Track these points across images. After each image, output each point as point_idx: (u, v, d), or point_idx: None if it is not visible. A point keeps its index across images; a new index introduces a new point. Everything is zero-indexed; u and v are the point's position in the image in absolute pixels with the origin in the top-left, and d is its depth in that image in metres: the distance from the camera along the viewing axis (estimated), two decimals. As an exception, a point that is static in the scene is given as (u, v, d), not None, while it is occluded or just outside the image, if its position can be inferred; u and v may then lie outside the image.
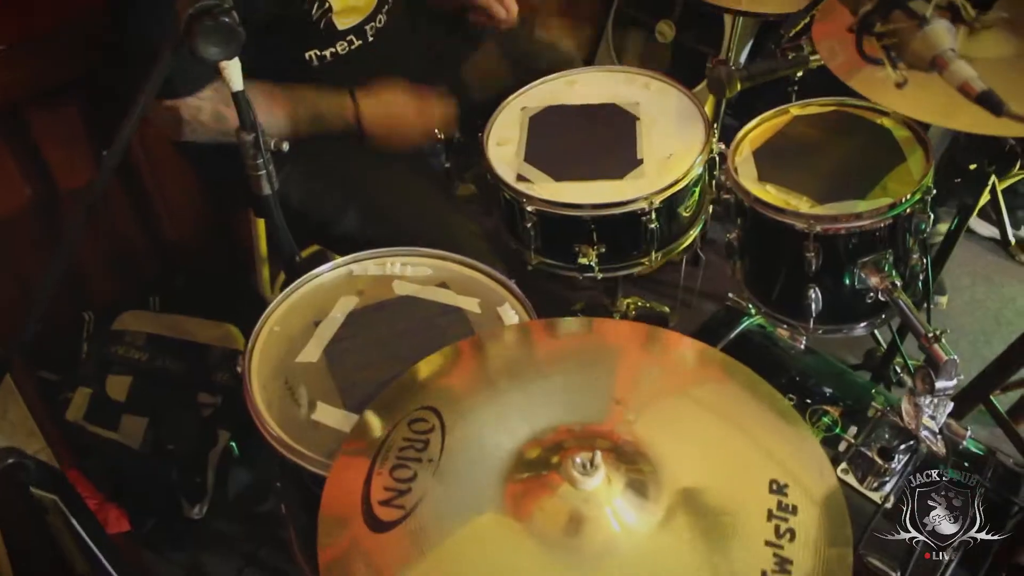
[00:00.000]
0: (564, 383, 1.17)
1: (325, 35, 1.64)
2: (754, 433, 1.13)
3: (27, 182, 1.94)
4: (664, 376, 1.21)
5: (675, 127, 1.76)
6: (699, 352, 1.24)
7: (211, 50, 1.17)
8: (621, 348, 1.24)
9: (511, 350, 1.25)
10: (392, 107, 1.65)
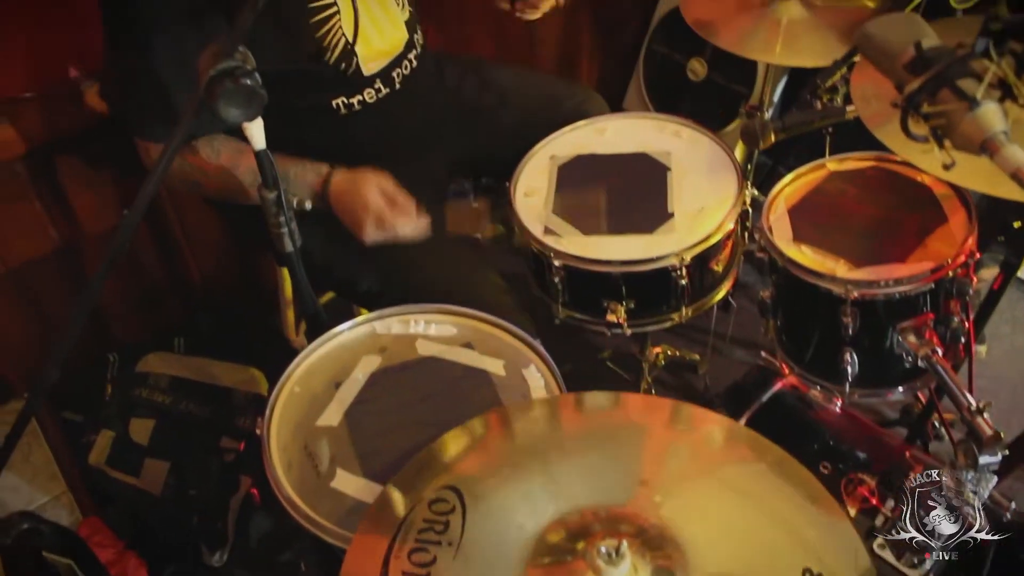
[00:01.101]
0: (589, 461, 1.13)
1: (352, 81, 1.62)
2: (785, 517, 1.08)
3: (52, 225, 1.94)
4: (691, 455, 1.16)
5: (707, 178, 1.72)
6: (727, 429, 1.20)
7: (232, 112, 1.15)
8: (647, 424, 1.20)
9: (535, 425, 1.21)
10: (359, 197, 1.55)
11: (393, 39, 1.67)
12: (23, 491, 1.91)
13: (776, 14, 1.96)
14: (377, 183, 1.54)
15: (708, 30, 1.99)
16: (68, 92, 1.81)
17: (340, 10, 1.56)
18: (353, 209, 1.54)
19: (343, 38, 1.58)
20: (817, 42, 1.90)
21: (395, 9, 1.67)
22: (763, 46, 1.93)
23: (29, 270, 1.95)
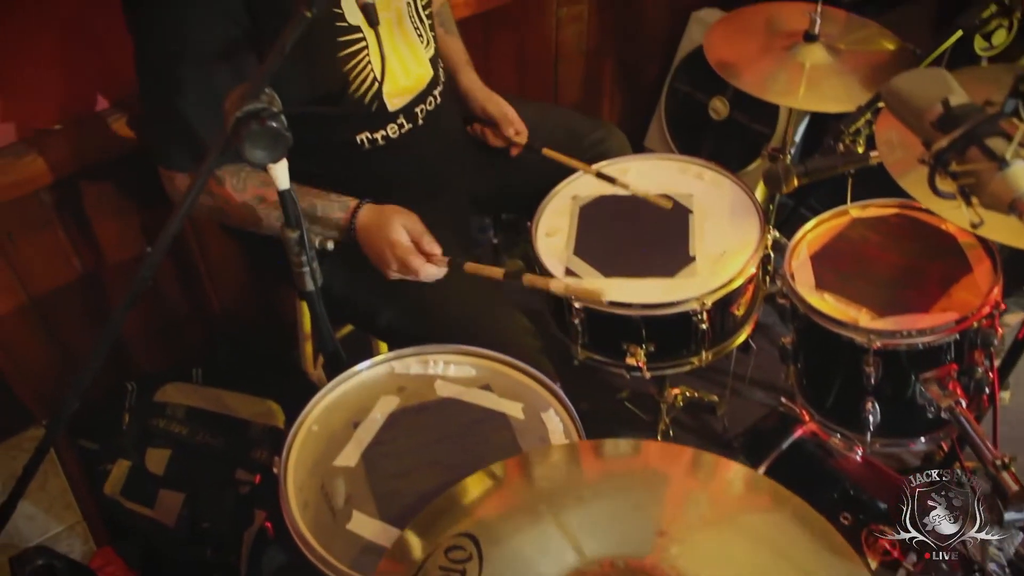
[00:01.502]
0: (607, 510, 1.12)
1: (376, 117, 1.63)
2: (805, 569, 1.06)
3: (76, 253, 1.95)
4: (710, 504, 1.15)
5: (729, 222, 1.71)
6: (747, 478, 1.18)
7: (257, 154, 1.16)
8: (666, 471, 1.19)
9: (554, 471, 1.20)
10: (384, 235, 1.55)
11: (418, 75, 1.68)
12: (38, 519, 1.90)
13: (799, 58, 1.96)
14: (403, 222, 1.54)
15: (730, 72, 1.99)
16: (96, 123, 1.82)
17: (368, 45, 1.57)
18: (379, 247, 1.54)
19: (371, 73, 1.59)
20: (840, 87, 1.90)
21: (420, 45, 1.68)
22: (786, 90, 1.93)
23: (51, 298, 1.96)
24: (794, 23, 2.05)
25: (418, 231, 1.55)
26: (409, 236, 1.54)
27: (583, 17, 2.59)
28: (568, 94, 2.74)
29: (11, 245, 1.84)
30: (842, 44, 2.00)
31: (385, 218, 1.55)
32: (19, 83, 1.72)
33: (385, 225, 1.54)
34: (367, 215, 1.56)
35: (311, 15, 1.12)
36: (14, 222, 1.82)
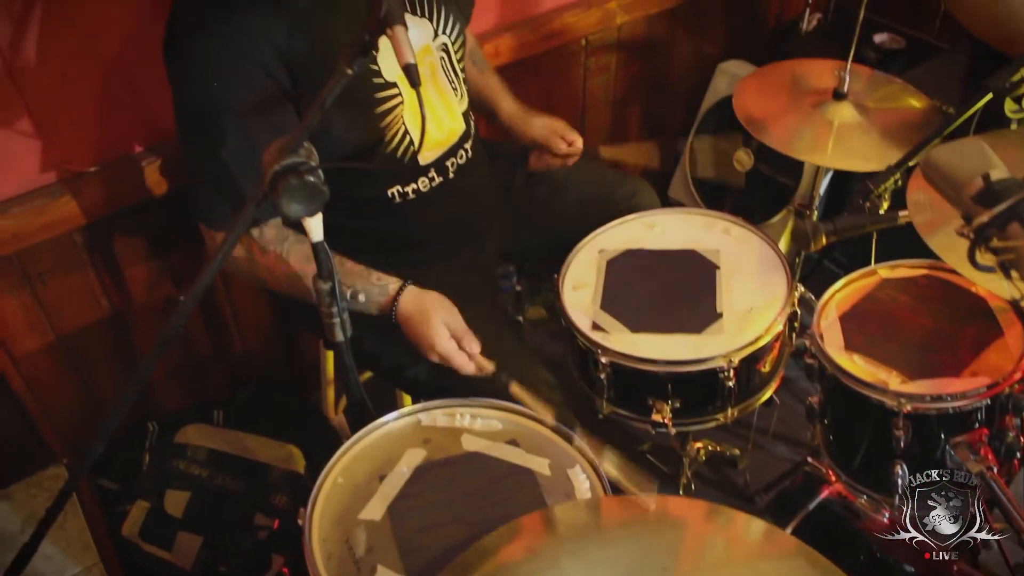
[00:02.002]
0: (632, 569, 1.11)
1: (408, 171, 1.65)
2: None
3: (105, 294, 1.97)
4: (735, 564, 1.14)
5: (756, 278, 1.71)
6: (772, 538, 1.17)
7: (294, 207, 1.16)
8: (692, 528, 1.18)
9: (580, 530, 1.20)
10: (425, 332, 1.53)
11: (450, 129, 1.69)
12: (56, 560, 1.90)
13: (827, 116, 1.97)
14: (445, 319, 1.53)
15: (757, 127, 2.00)
16: (130, 167, 1.84)
17: (404, 101, 1.58)
18: (419, 340, 1.54)
19: (404, 128, 1.60)
20: (868, 146, 1.91)
21: (453, 99, 1.70)
22: (813, 146, 1.94)
23: (78, 337, 1.97)
24: (822, 81, 2.06)
25: (460, 330, 1.54)
26: (450, 333, 1.54)
27: (611, 68, 2.62)
28: (594, 143, 2.74)
29: (42, 285, 1.85)
30: (870, 102, 2.01)
31: (426, 313, 1.54)
32: (57, 125, 1.75)
33: (426, 321, 1.53)
34: (408, 304, 1.55)
35: (352, 72, 1.13)
36: (47, 262, 1.84)
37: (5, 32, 1.60)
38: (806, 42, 3.03)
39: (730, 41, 2.96)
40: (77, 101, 1.75)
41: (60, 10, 1.64)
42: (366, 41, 1.12)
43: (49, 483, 1.95)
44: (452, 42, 1.68)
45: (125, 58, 1.76)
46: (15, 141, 1.72)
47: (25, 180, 1.77)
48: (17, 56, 1.64)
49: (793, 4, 3.13)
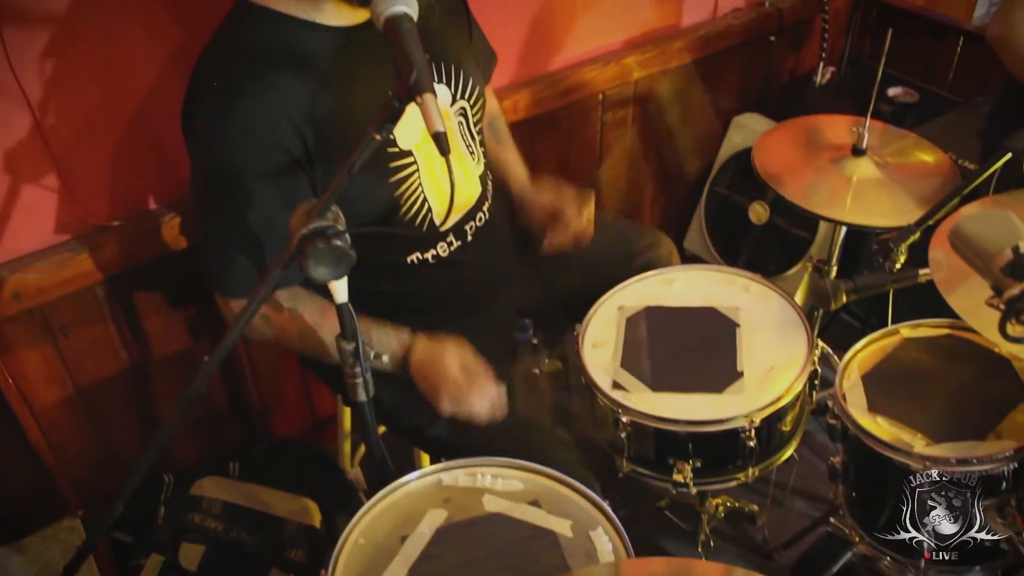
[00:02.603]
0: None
1: (426, 237, 1.65)
2: None
3: (124, 347, 1.97)
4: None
5: (776, 336, 1.71)
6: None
7: (321, 271, 1.17)
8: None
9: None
10: (439, 369, 1.53)
11: (468, 194, 1.69)
12: (70, 614, 1.89)
13: (846, 171, 1.97)
14: (458, 356, 1.53)
15: (776, 181, 2.00)
16: (149, 222, 1.86)
17: (420, 168, 1.59)
18: (432, 380, 1.52)
19: (422, 196, 1.61)
20: (888, 202, 1.91)
21: (471, 163, 1.70)
22: (832, 202, 1.94)
23: (97, 389, 1.98)
24: (839, 136, 2.08)
25: (472, 365, 1.53)
26: (463, 369, 1.53)
27: (627, 122, 2.64)
28: (610, 196, 2.77)
29: (63, 338, 1.86)
30: (888, 157, 2.02)
31: (439, 352, 1.54)
32: (81, 179, 1.77)
33: (438, 359, 1.53)
34: (421, 350, 1.55)
35: (380, 138, 1.14)
36: (68, 316, 1.85)
37: (36, 89, 1.63)
38: (820, 95, 3.05)
39: (745, 95, 2.98)
40: (100, 155, 1.78)
41: (87, 66, 1.67)
42: (395, 108, 1.13)
43: (64, 535, 1.94)
44: (471, 106, 1.70)
45: (148, 113, 1.79)
46: (41, 196, 1.74)
47: (48, 234, 1.79)
48: (46, 113, 1.66)
49: (807, 58, 3.16)
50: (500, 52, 1.93)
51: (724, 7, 2.77)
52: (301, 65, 1.45)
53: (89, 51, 1.66)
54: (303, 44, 1.47)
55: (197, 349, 2.08)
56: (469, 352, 1.55)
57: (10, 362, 1.82)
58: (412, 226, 1.61)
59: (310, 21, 1.48)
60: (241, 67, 1.43)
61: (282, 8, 1.47)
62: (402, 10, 1.20)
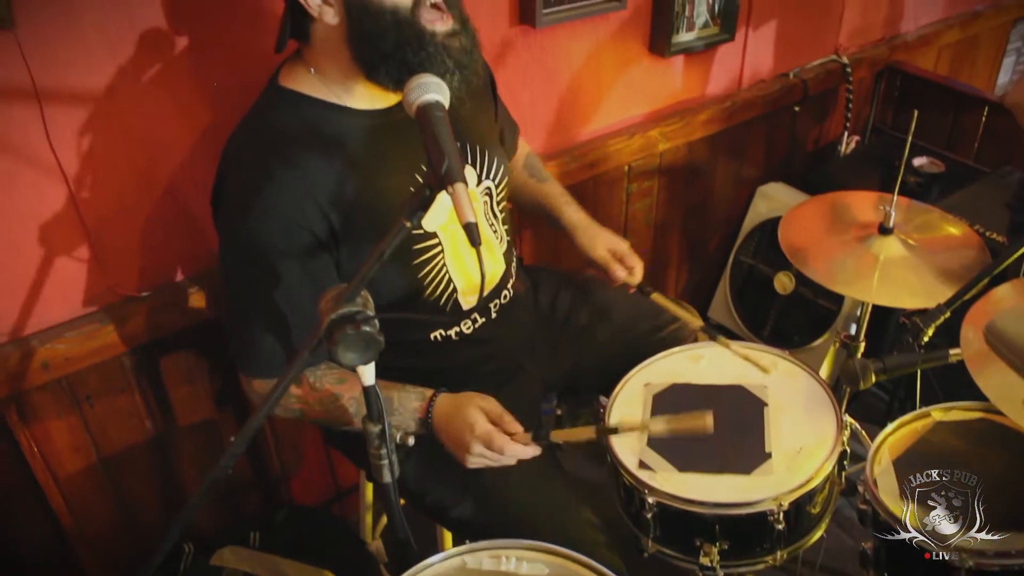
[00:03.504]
0: None
1: (451, 316, 1.65)
2: None
3: (149, 416, 1.98)
4: None
5: (804, 416, 1.68)
6: None
7: (349, 356, 1.17)
8: None
9: None
10: (463, 420, 1.50)
11: (492, 272, 1.70)
12: None
13: (873, 249, 1.96)
14: (481, 406, 1.52)
15: (800, 257, 1.99)
16: (176, 293, 1.88)
17: (444, 250, 1.60)
18: (458, 433, 1.50)
19: (446, 277, 1.62)
20: (915, 280, 1.89)
21: (494, 242, 1.71)
22: (859, 280, 1.92)
23: (120, 458, 1.98)
24: (865, 213, 2.07)
25: (497, 412, 1.52)
26: (488, 418, 1.51)
27: (652, 192, 2.65)
28: (635, 265, 2.78)
29: (89, 407, 1.87)
30: (915, 234, 2.01)
31: (462, 403, 1.53)
32: (112, 251, 1.79)
33: (463, 408, 1.51)
34: (443, 404, 1.54)
35: (411, 225, 1.15)
36: (94, 385, 1.85)
37: (72, 164, 1.66)
38: (845, 165, 3.07)
39: (769, 164, 3.00)
40: (131, 228, 1.80)
41: (122, 142, 1.70)
42: (426, 196, 1.14)
43: (81, 606, 1.93)
44: (496, 186, 1.71)
45: (178, 187, 1.81)
46: (72, 267, 1.76)
47: (78, 305, 1.80)
48: (81, 187, 1.69)
49: (831, 127, 3.18)
50: (527, 126, 1.96)
51: (749, 78, 2.80)
52: (329, 148, 1.47)
53: (124, 127, 1.69)
54: (332, 127, 1.49)
55: (221, 419, 2.09)
56: (490, 399, 1.53)
57: (36, 430, 1.82)
58: (432, 306, 1.61)
59: (340, 105, 1.51)
60: (270, 150, 1.46)
61: (313, 92, 1.50)
62: (434, 98, 1.22)
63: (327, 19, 1.42)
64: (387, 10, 1.40)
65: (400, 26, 1.41)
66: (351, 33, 1.43)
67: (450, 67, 1.44)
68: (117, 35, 1.61)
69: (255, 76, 1.66)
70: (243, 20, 1.73)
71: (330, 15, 1.41)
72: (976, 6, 3.56)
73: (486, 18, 2.07)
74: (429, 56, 1.42)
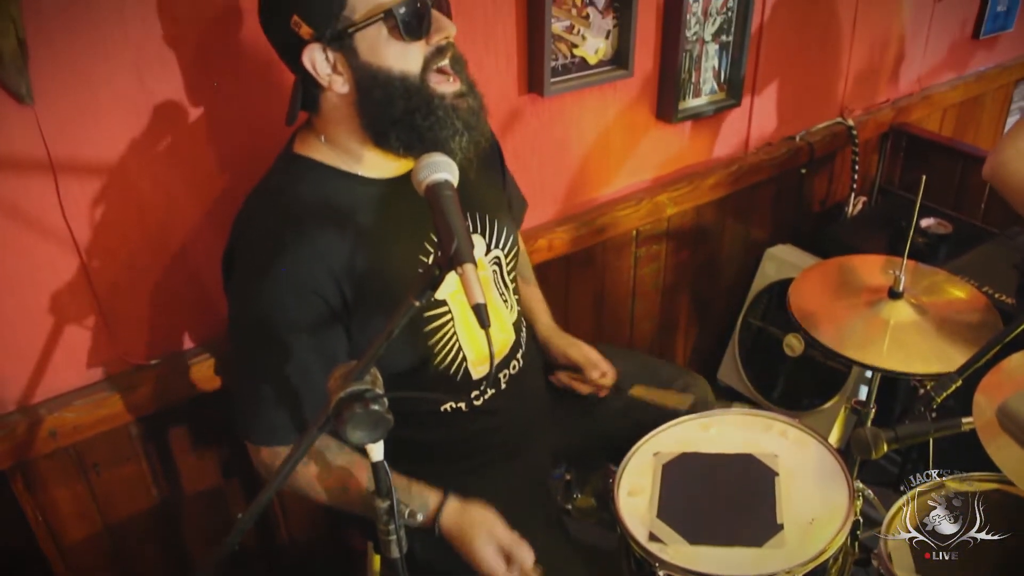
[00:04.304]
0: None
1: (460, 386, 1.65)
2: None
3: (155, 484, 1.97)
4: None
5: (816, 485, 1.67)
6: None
7: (357, 435, 1.16)
8: None
9: None
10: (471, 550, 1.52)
11: (502, 342, 1.70)
12: None
13: (883, 314, 1.95)
14: (489, 532, 1.52)
15: (810, 322, 1.98)
16: (184, 362, 1.88)
17: (455, 318, 1.60)
18: (468, 555, 1.52)
19: (456, 344, 1.62)
20: (926, 346, 1.88)
21: (504, 311, 1.71)
22: (868, 346, 1.90)
23: (125, 526, 1.96)
24: (873, 277, 2.06)
25: (508, 542, 1.52)
26: (500, 548, 1.52)
27: (660, 257, 2.66)
28: (643, 329, 2.77)
29: (96, 475, 1.86)
30: (924, 297, 2.00)
31: (468, 534, 1.53)
32: (123, 319, 1.79)
33: (470, 542, 1.52)
34: (450, 521, 1.54)
35: (420, 304, 1.15)
36: (102, 454, 1.85)
37: (84, 234, 1.67)
38: (852, 226, 3.07)
39: (777, 226, 3.01)
40: (141, 296, 1.80)
41: (133, 211, 1.72)
42: (435, 276, 1.14)
43: None
44: (505, 255, 1.72)
45: (189, 255, 1.82)
46: (82, 335, 1.76)
47: (87, 373, 1.80)
48: (92, 256, 1.70)
49: (838, 189, 3.19)
50: (536, 193, 1.97)
51: (755, 142, 2.82)
52: (341, 218, 1.48)
53: (137, 197, 1.71)
54: (344, 196, 1.50)
55: (228, 488, 2.07)
56: (500, 527, 1.53)
57: (41, 498, 1.81)
58: (442, 376, 1.61)
59: (351, 173, 1.52)
60: (282, 221, 1.47)
61: (326, 160, 1.52)
62: (443, 177, 1.23)
63: (337, 88, 1.44)
64: (396, 77, 1.42)
65: (409, 92, 1.43)
66: (361, 101, 1.45)
67: (459, 128, 1.46)
68: (131, 107, 1.64)
69: (265, 144, 1.69)
70: (255, 90, 1.76)
71: (339, 84, 1.43)
72: (979, 67, 3.60)
73: (495, 87, 2.10)
74: (438, 120, 1.44)
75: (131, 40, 1.58)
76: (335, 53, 1.40)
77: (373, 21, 1.38)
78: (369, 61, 1.41)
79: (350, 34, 1.38)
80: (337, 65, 1.41)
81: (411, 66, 1.42)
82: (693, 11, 2.36)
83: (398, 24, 1.38)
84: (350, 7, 1.37)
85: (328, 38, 1.38)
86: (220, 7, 1.66)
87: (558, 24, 2.11)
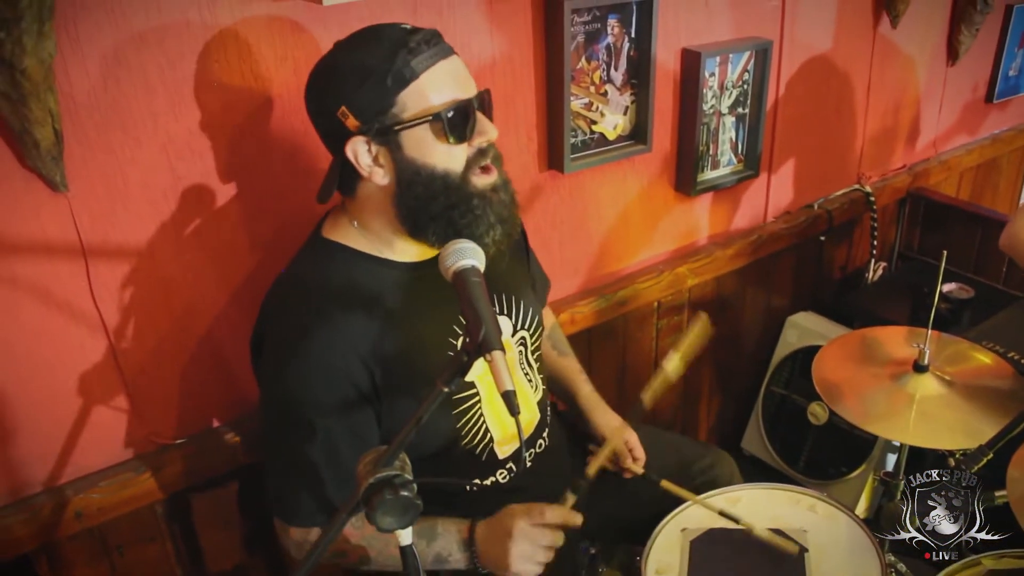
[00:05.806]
0: None
1: (486, 465, 1.65)
2: None
3: (179, 564, 1.95)
4: None
5: (847, 561, 1.65)
6: None
7: (387, 520, 1.16)
8: None
9: None
10: (505, 527, 1.56)
11: (527, 422, 1.71)
12: None
13: (908, 388, 1.93)
14: (518, 510, 1.57)
15: (834, 394, 1.96)
16: (212, 440, 1.88)
17: (482, 398, 1.61)
18: (501, 538, 1.54)
19: (484, 424, 1.62)
20: (954, 420, 1.86)
21: (529, 391, 1.72)
22: (894, 419, 1.87)
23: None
24: (897, 349, 2.04)
25: (535, 510, 1.56)
26: (530, 520, 1.55)
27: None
28: (666, 399, 2.76)
29: (119, 556, 1.85)
30: (948, 368, 1.98)
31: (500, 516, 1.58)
32: (150, 399, 1.81)
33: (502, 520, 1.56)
34: (483, 525, 1.58)
35: (449, 390, 1.16)
36: (126, 534, 1.84)
37: (113, 316, 1.69)
38: (873, 292, 3.07)
39: (798, 294, 3.01)
40: (168, 376, 1.82)
41: (161, 293, 1.74)
42: (463, 363, 1.15)
43: None
44: (530, 335, 1.73)
45: (215, 335, 1.84)
46: (109, 416, 1.77)
47: (113, 453, 1.81)
48: (121, 338, 1.72)
49: (858, 255, 3.19)
50: (557, 268, 1.98)
51: (774, 211, 2.84)
52: (371, 302, 1.50)
53: (165, 279, 1.73)
54: (373, 280, 1.52)
55: (252, 564, 2.06)
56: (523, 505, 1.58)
57: (64, 581, 1.81)
58: (474, 456, 1.62)
59: (381, 257, 1.54)
60: (312, 306, 1.48)
61: (355, 244, 1.54)
62: (470, 263, 1.25)
63: (376, 179, 1.45)
64: (439, 175, 1.44)
65: (450, 190, 1.44)
66: (400, 195, 1.46)
67: (492, 222, 1.48)
68: (160, 191, 1.67)
69: (292, 226, 1.71)
70: (283, 173, 1.79)
71: (380, 176, 1.45)
72: (994, 130, 3.62)
73: (516, 165, 2.13)
74: (476, 218, 1.46)
75: (160, 128, 1.62)
76: (379, 147, 1.42)
77: (421, 122, 1.40)
78: (414, 157, 1.43)
79: (396, 131, 1.40)
80: (379, 157, 1.43)
81: (454, 165, 1.44)
82: (709, 85, 2.40)
83: (444, 127, 1.40)
84: (400, 105, 1.39)
85: (374, 132, 1.40)
86: (249, 97, 1.70)
87: (577, 102, 2.15)
